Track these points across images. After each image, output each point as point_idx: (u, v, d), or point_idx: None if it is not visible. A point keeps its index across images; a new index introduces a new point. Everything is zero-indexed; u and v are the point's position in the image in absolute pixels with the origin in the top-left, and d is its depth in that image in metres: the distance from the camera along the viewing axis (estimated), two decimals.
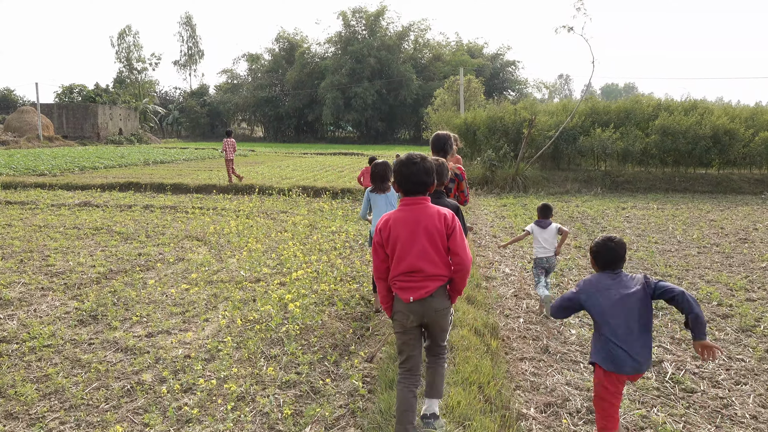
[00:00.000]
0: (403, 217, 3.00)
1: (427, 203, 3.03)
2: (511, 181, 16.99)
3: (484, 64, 56.79)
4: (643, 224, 11.49)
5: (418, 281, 2.95)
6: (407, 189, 3.03)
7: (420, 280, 2.95)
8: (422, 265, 2.94)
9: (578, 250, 9.02)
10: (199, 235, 8.92)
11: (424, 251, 2.94)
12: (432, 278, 2.96)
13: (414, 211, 3.00)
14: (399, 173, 3.03)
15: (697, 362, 4.75)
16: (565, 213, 12.84)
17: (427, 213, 2.99)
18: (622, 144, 17.27)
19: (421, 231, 2.95)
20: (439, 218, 2.97)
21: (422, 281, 2.95)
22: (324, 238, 8.80)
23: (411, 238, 2.95)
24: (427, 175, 3.01)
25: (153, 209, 11.54)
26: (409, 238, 2.96)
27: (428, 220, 2.96)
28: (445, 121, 22.32)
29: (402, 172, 3.01)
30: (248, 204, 12.47)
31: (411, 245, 2.95)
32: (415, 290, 2.95)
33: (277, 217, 10.80)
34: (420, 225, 2.96)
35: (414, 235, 2.95)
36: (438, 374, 3.21)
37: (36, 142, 44.43)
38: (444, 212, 3.02)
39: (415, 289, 2.95)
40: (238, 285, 6.23)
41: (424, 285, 2.95)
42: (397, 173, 3.04)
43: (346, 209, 12.15)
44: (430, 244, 2.95)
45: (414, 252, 2.95)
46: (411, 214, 2.99)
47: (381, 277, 3.09)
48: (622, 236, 10.38)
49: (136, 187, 14.73)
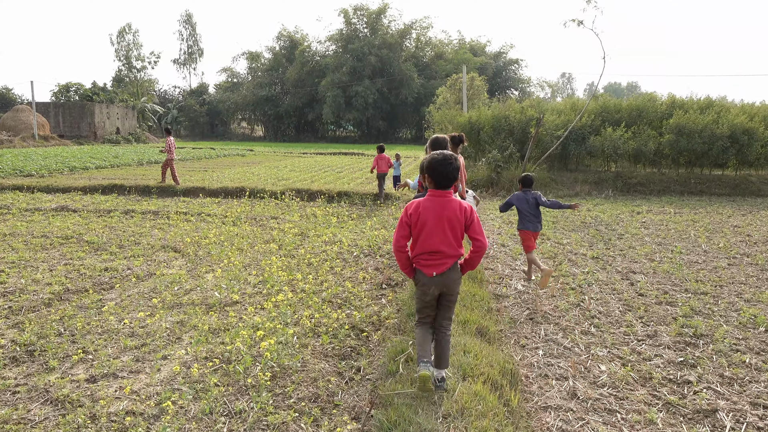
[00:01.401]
0: (431, 206, 3.57)
1: (450, 196, 3.59)
2: (517, 183, 16.08)
3: (486, 63, 55.97)
4: (662, 231, 10.62)
5: (439, 259, 3.60)
6: (439, 183, 3.57)
7: (440, 259, 3.59)
8: (443, 248, 3.59)
9: (596, 261, 8.16)
10: (178, 244, 8.07)
11: (445, 237, 3.57)
12: (449, 257, 3.60)
13: (441, 203, 3.57)
14: (435, 170, 3.54)
15: (758, 411, 3.89)
16: (577, 218, 11.97)
17: (451, 206, 3.57)
18: (635, 144, 16.38)
19: (444, 220, 3.56)
20: (460, 210, 3.57)
21: (442, 259, 3.59)
22: (314, 249, 7.95)
23: (436, 224, 3.56)
24: (457, 172, 3.57)
25: (133, 214, 10.69)
26: (435, 225, 3.56)
27: (451, 212, 3.56)
28: (447, 120, 21.45)
29: (438, 169, 3.53)
30: (237, 209, 11.62)
31: (435, 231, 3.57)
32: (437, 267, 3.60)
33: (266, 224, 9.95)
34: (444, 214, 3.56)
35: (439, 222, 3.55)
36: (445, 348, 3.76)
37: (31, 141, 43.65)
38: (465, 206, 3.60)
39: (437, 266, 3.60)
40: (209, 309, 5.37)
41: (443, 262, 3.60)
42: (433, 170, 3.55)
43: (341, 215, 11.30)
44: (451, 232, 3.58)
45: (437, 237, 3.57)
46: (438, 204, 3.57)
47: (400, 248, 3.66)
48: (643, 245, 9.54)
49: (120, 190, 13.86)
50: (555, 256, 8.50)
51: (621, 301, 6.37)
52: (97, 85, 56.89)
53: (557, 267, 7.88)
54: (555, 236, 10.02)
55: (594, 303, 6.24)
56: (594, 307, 6.12)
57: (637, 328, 5.47)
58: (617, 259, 8.36)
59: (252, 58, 63.98)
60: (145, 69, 70.86)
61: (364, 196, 12.91)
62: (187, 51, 75.88)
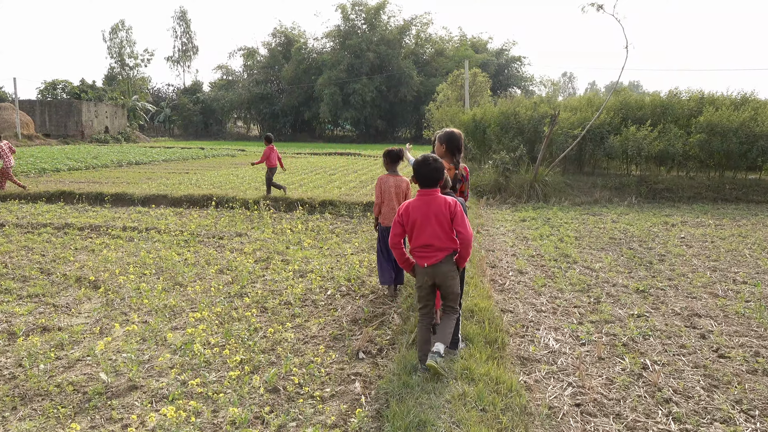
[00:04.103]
0: (419, 205, 3.91)
1: (436, 194, 3.91)
2: (528, 188, 14.23)
3: (488, 60, 54.11)
4: (709, 250, 8.77)
5: (431, 252, 3.91)
6: (422, 183, 3.93)
7: (432, 251, 3.90)
8: (433, 241, 3.88)
9: (643, 297, 6.28)
10: (100, 276, 6.19)
11: (434, 231, 3.88)
12: (440, 250, 3.89)
13: (427, 201, 3.90)
14: (417, 172, 3.91)
15: None
16: (602, 231, 10.10)
17: (437, 202, 3.88)
18: (660, 144, 14.50)
19: (431, 216, 3.88)
20: (445, 205, 3.86)
21: (433, 252, 3.90)
22: (277, 285, 6.07)
23: (424, 221, 3.88)
24: (438, 173, 3.89)
25: (68, 230, 8.81)
26: (423, 222, 3.89)
27: (437, 208, 3.87)
28: (449, 118, 19.61)
29: (420, 171, 3.91)
30: (198, 221, 9.75)
31: (425, 227, 3.88)
32: (428, 258, 3.90)
33: (227, 244, 8.08)
34: (431, 211, 3.88)
35: (426, 218, 3.88)
36: (446, 325, 3.93)
37: (13, 140, 41.73)
38: (449, 200, 3.89)
39: (429, 257, 3.90)
40: (87, 405, 3.49)
41: (434, 255, 3.90)
42: (415, 171, 3.92)
43: (322, 230, 9.42)
44: (438, 226, 3.87)
45: (427, 232, 3.89)
46: (424, 202, 3.90)
47: (395, 245, 4.00)
48: (693, 271, 7.65)
49: (68, 198, 11.93)
50: (588, 289, 6.64)
51: (698, 368, 4.51)
52: (85, 83, 54.86)
53: (595, 306, 6.02)
54: (582, 257, 8.15)
55: (662, 373, 4.37)
56: (664, 381, 4.26)
57: (739, 423, 3.63)
58: (669, 294, 6.50)
59: (248, 55, 62.04)
60: (139, 67, 68.92)
61: (352, 205, 11.01)
62: (181, 48, 74.04)
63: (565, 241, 9.28)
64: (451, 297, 3.98)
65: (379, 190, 5.87)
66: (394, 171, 5.97)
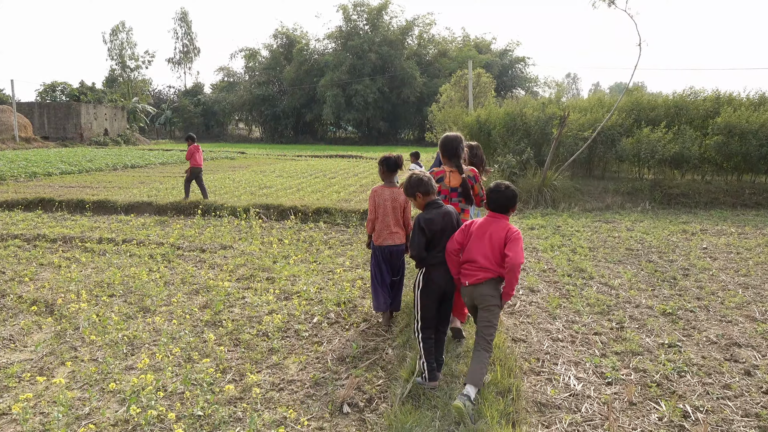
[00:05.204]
0: (483, 223, 3.89)
1: (504, 220, 3.86)
2: (536, 193, 13.48)
3: (492, 61, 53.34)
4: (736, 262, 8.03)
5: (473, 270, 3.78)
6: (493, 207, 3.93)
7: (474, 269, 3.78)
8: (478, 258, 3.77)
9: (672, 322, 5.55)
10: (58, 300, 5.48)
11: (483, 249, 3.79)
12: (483, 269, 3.75)
13: (490, 221, 3.87)
14: (488, 196, 3.95)
15: None
16: (617, 241, 9.36)
17: (499, 225, 3.82)
18: (676, 147, 13.74)
19: (488, 234, 3.81)
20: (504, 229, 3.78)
21: (476, 270, 3.78)
22: (257, 310, 5.35)
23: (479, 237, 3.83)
24: (508, 200, 3.88)
25: (39, 242, 8.11)
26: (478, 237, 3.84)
27: (496, 229, 3.80)
28: (452, 120, 18.90)
29: (490, 195, 3.93)
30: (182, 232, 9.05)
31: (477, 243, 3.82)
32: (470, 276, 3.79)
33: (209, 258, 7.36)
34: (489, 230, 3.82)
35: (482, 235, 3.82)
36: (479, 364, 3.65)
37: (11, 143, 41.21)
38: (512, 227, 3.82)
39: (471, 275, 3.80)
40: None
41: (476, 273, 3.77)
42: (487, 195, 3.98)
43: (314, 241, 8.70)
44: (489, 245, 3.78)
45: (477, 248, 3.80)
46: (488, 222, 3.88)
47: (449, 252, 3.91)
48: (723, 288, 6.89)
49: (47, 206, 11.23)
50: (609, 311, 5.91)
51: (749, 417, 3.79)
52: (85, 85, 54.29)
53: (618, 333, 5.30)
54: (598, 272, 7.42)
55: (708, 424, 3.64)
56: None
57: None
58: (700, 317, 5.77)
59: (249, 56, 61.39)
60: (140, 69, 68.43)
61: (348, 213, 10.28)
62: (182, 50, 73.52)
63: (578, 253, 8.55)
64: (485, 328, 3.75)
65: (372, 203, 5.07)
66: (391, 182, 5.15)
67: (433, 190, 4.19)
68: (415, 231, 4.02)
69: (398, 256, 5.09)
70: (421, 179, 4.14)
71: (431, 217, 4.04)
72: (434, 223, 4.02)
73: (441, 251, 4.02)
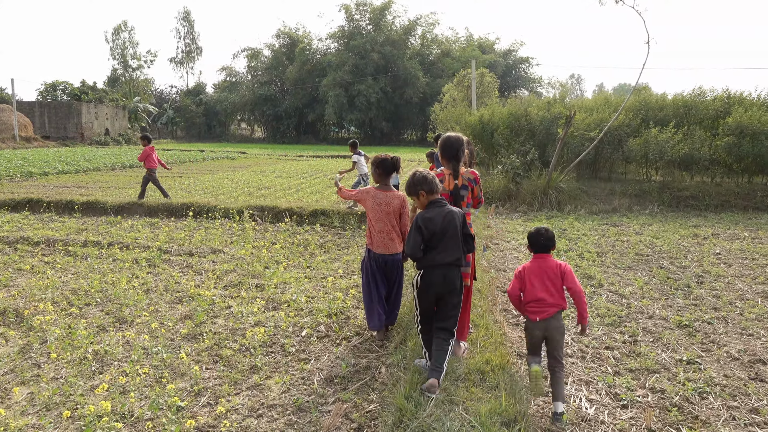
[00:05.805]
0: (533, 267, 4.02)
1: (549, 258, 4.03)
2: (541, 195, 13.09)
3: (496, 61, 52.93)
4: (751, 269, 7.64)
5: (543, 307, 3.93)
6: (536, 249, 4.07)
7: (544, 306, 3.93)
8: (545, 296, 3.93)
9: (689, 335, 5.15)
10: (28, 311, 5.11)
11: (546, 288, 3.94)
12: (551, 305, 3.93)
13: (539, 264, 4.02)
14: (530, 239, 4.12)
15: None
16: (626, 245, 8.96)
17: (548, 264, 4.00)
18: (685, 148, 13.33)
19: (544, 275, 3.97)
20: (556, 267, 3.98)
21: (545, 307, 3.93)
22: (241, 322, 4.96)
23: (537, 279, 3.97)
24: (549, 241, 4.05)
25: (21, 246, 7.75)
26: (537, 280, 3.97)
27: (549, 269, 3.98)
28: (454, 120, 18.46)
29: (530, 239, 4.11)
30: (171, 235, 8.67)
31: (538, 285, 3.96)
32: (540, 313, 3.92)
33: (196, 264, 6.98)
34: (543, 271, 3.98)
35: (540, 277, 3.97)
36: (558, 382, 3.80)
37: (11, 143, 40.98)
38: (560, 263, 4.00)
39: (541, 312, 3.92)
40: None
41: (546, 309, 3.93)
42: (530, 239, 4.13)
43: (309, 245, 8.30)
44: (550, 283, 3.95)
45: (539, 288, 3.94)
46: (538, 265, 4.01)
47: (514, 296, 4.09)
48: (741, 297, 6.48)
49: (35, 207, 10.84)
50: (621, 323, 5.52)
51: None
52: (86, 84, 54.01)
53: (632, 348, 4.91)
54: (608, 279, 7.03)
55: None
56: None
57: None
58: (719, 329, 5.37)
59: (252, 56, 61.04)
60: (142, 68, 68.18)
61: (346, 216, 9.91)
62: (185, 50, 73.26)
63: (585, 258, 8.16)
64: (559, 350, 3.94)
65: (364, 203, 4.69)
66: (386, 185, 4.74)
67: (437, 188, 4.02)
68: (411, 229, 3.90)
69: (393, 266, 4.69)
70: (426, 176, 3.99)
71: (431, 216, 3.89)
72: (434, 222, 3.86)
73: (440, 253, 3.88)
